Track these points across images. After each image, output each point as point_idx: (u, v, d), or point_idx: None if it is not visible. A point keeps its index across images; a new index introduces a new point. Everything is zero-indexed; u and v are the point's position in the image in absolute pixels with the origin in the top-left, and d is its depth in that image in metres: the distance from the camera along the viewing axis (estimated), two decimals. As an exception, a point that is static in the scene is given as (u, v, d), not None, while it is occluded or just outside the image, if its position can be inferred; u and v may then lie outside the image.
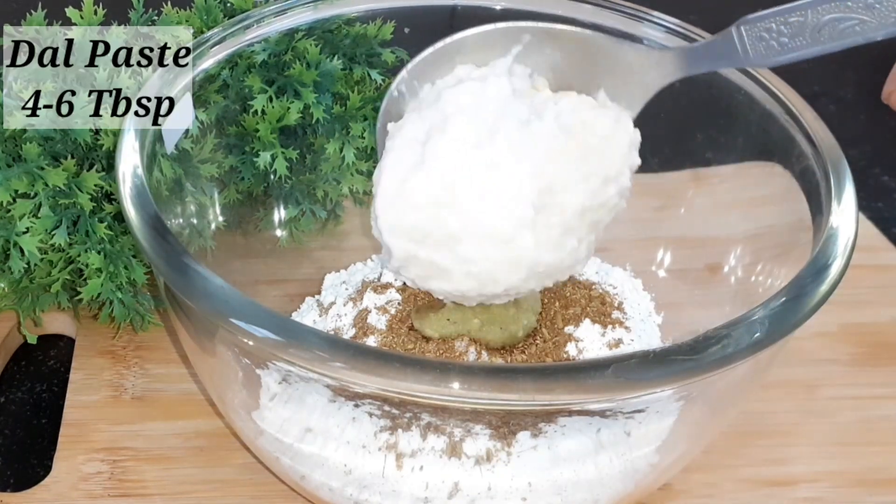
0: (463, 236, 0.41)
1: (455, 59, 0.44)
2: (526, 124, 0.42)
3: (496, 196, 0.41)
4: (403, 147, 0.42)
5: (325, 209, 0.55)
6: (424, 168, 0.41)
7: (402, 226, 0.42)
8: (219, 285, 0.36)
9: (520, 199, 0.41)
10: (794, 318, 0.37)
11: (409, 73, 0.44)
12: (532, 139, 0.41)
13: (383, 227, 0.43)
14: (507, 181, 0.41)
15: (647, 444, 0.42)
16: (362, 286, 0.50)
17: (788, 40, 0.37)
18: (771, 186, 0.49)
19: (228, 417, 0.46)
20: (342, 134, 0.52)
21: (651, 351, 0.34)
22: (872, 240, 0.63)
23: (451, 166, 0.41)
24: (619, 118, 0.43)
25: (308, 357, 0.34)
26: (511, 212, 0.41)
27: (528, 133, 0.41)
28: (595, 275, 0.53)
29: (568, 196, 0.42)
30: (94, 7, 0.50)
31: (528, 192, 0.41)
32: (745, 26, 0.38)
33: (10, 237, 0.46)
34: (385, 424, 0.42)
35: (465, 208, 0.41)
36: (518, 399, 0.33)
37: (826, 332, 0.56)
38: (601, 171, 0.42)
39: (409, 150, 0.42)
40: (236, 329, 0.35)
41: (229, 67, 0.50)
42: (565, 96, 0.44)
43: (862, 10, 0.36)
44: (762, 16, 0.38)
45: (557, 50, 0.44)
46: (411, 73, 0.44)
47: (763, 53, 0.38)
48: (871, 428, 0.52)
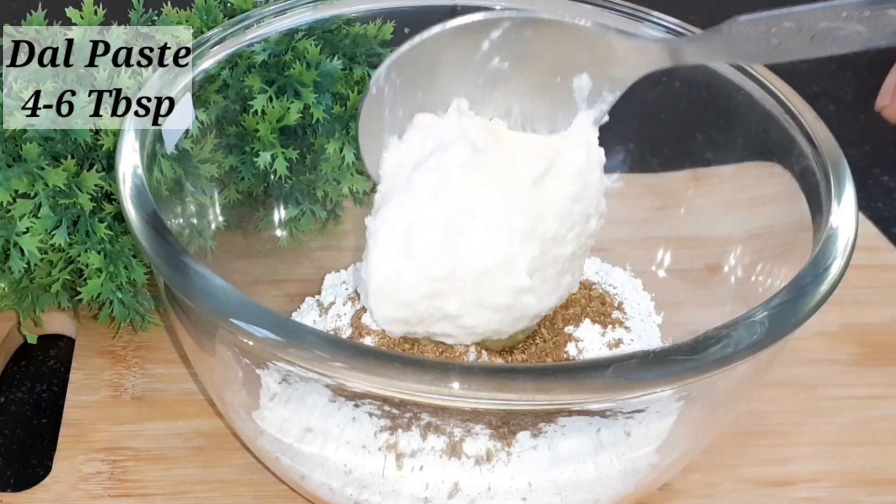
0: (462, 314, 0.42)
1: (435, 52, 0.43)
2: (503, 191, 0.41)
3: (491, 276, 0.41)
4: (387, 241, 0.42)
5: (325, 209, 0.55)
6: (412, 261, 0.41)
7: (399, 317, 0.43)
8: (219, 285, 0.36)
9: (515, 273, 0.41)
10: (795, 318, 0.37)
11: (387, 70, 0.44)
12: (514, 206, 0.41)
13: (379, 319, 0.43)
14: (499, 259, 0.41)
15: (647, 444, 0.42)
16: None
17: (780, 42, 0.37)
18: (771, 186, 0.49)
19: (228, 417, 0.46)
20: (342, 134, 0.52)
21: (651, 351, 0.34)
22: (872, 240, 0.63)
23: (438, 254, 0.41)
24: (587, 146, 0.43)
25: (308, 357, 0.34)
26: (508, 286, 0.42)
27: (509, 201, 0.41)
28: (595, 275, 0.53)
29: (559, 248, 0.42)
30: (94, 7, 0.50)
31: (522, 264, 0.41)
32: (736, 25, 0.38)
33: (10, 237, 0.46)
34: (385, 424, 0.42)
35: (461, 291, 0.42)
36: (518, 399, 0.33)
37: (826, 331, 0.56)
38: (584, 212, 0.43)
39: (393, 243, 0.42)
40: (236, 329, 0.35)
41: (229, 67, 0.50)
42: (526, 141, 0.44)
43: (857, 22, 0.36)
44: (755, 18, 0.38)
45: (538, 35, 0.43)
46: (389, 68, 0.44)
47: (753, 52, 0.38)
48: (872, 428, 0.52)
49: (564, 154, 0.43)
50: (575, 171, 0.43)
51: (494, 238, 0.41)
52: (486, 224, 0.41)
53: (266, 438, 0.43)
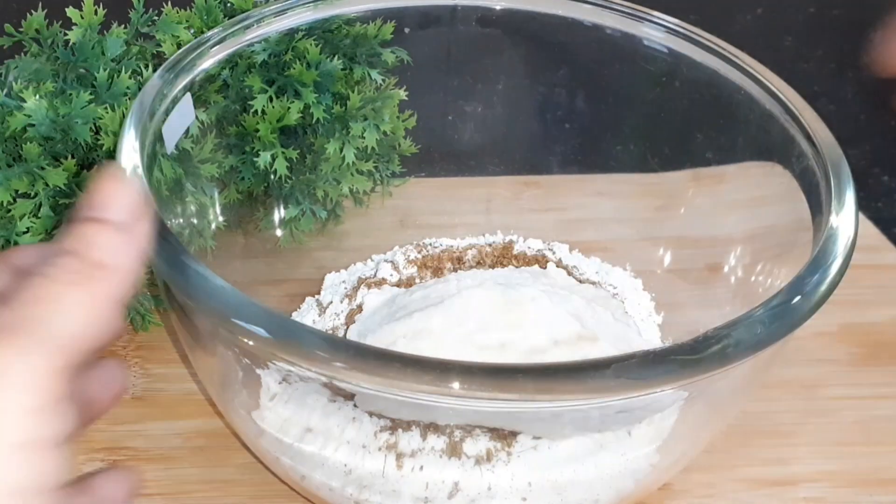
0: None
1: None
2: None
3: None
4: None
5: (325, 209, 0.55)
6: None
7: None
8: (219, 285, 0.36)
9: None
10: (795, 319, 0.37)
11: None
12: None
13: None
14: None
15: (648, 443, 0.42)
16: (357, 283, 0.50)
17: None
18: (771, 186, 0.49)
19: (228, 417, 0.46)
20: (342, 134, 0.52)
21: (651, 351, 0.34)
22: (872, 239, 0.62)
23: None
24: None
25: (308, 357, 0.34)
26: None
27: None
28: (595, 275, 0.53)
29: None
30: (94, 7, 0.50)
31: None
32: None
33: (10, 237, 0.46)
34: (385, 424, 0.42)
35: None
36: (518, 399, 0.33)
37: (826, 331, 0.56)
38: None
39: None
40: (236, 329, 0.35)
41: (229, 67, 0.50)
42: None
43: None
44: None
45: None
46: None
47: None
48: (872, 428, 0.51)
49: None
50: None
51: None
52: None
53: (266, 438, 0.43)
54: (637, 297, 0.53)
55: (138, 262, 0.32)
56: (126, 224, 0.32)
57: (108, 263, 0.31)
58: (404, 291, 0.47)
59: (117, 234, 0.32)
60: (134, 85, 0.48)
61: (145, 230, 0.33)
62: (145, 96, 0.45)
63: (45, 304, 0.30)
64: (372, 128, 0.52)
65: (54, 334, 0.30)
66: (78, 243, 0.31)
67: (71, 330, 0.30)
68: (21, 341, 0.29)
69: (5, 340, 0.29)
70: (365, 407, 0.42)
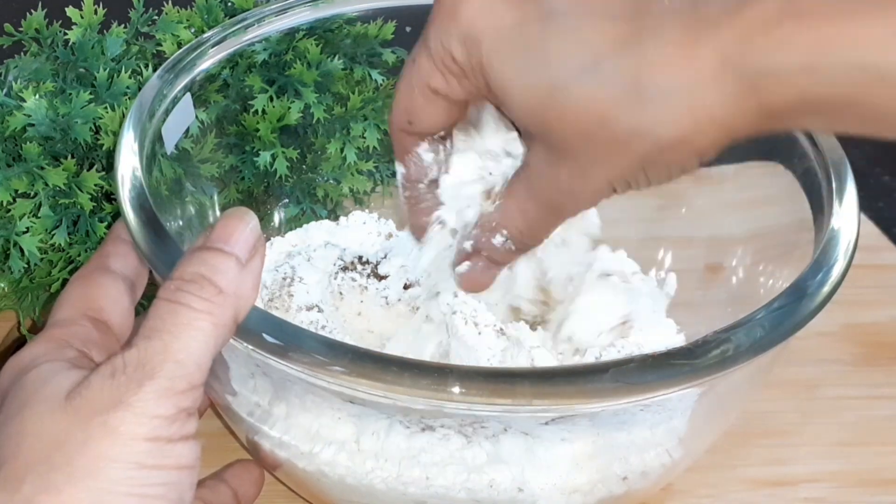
0: None
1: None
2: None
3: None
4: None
5: (325, 209, 0.55)
6: None
7: None
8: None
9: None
10: (796, 321, 0.37)
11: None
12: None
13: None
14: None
15: (649, 444, 0.42)
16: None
17: None
18: (772, 187, 0.48)
19: (228, 418, 0.46)
20: (343, 134, 0.52)
21: (650, 354, 0.34)
22: (873, 239, 0.62)
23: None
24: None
25: (307, 360, 0.34)
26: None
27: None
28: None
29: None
30: (94, 7, 0.49)
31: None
32: None
33: (10, 237, 0.46)
34: (385, 424, 0.42)
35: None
36: (516, 403, 0.33)
37: (827, 331, 0.56)
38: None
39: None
40: (236, 331, 0.35)
41: (230, 67, 0.50)
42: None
43: None
44: None
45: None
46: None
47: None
48: (872, 428, 0.51)
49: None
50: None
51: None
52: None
53: (266, 439, 0.43)
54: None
55: (255, 294, 0.35)
56: (247, 258, 0.34)
57: (232, 292, 0.33)
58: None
59: (239, 265, 0.34)
60: (134, 85, 0.48)
61: (261, 265, 0.35)
62: (145, 96, 0.45)
63: (179, 331, 0.32)
64: (372, 128, 0.52)
65: (182, 361, 0.32)
66: (205, 268, 0.33)
67: (197, 358, 0.33)
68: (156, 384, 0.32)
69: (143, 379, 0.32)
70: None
